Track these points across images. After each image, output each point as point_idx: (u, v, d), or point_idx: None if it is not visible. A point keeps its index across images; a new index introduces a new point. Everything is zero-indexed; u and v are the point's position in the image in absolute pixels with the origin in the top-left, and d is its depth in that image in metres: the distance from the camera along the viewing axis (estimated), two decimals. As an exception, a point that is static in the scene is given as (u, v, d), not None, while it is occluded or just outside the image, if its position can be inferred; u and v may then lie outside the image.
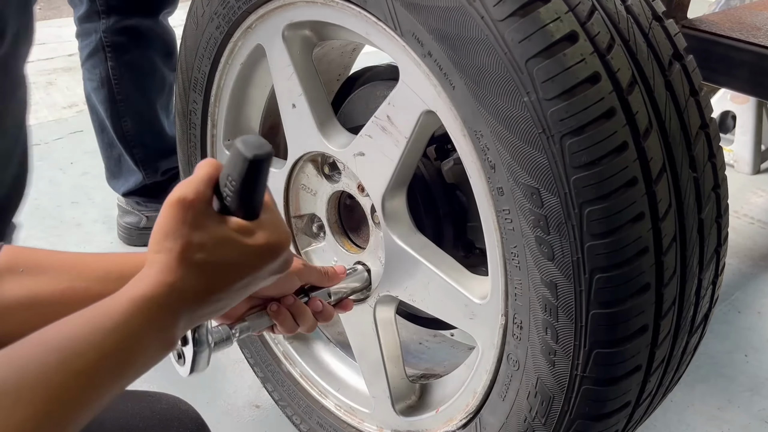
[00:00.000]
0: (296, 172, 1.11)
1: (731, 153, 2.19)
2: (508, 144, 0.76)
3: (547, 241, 0.76)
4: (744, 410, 1.31)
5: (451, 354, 1.22)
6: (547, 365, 0.81)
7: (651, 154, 0.75)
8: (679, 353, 0.86)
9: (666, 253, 0.77)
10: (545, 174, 0.74)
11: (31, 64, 1.37)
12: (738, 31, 1.11)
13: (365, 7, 0.86)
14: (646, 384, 0.83)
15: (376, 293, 1.03)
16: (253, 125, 1.22)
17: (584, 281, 0.75)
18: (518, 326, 0.83)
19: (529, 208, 0.76)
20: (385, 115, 0.92)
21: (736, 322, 1.53)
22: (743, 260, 1.75)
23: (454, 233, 1.08)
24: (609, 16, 0.77)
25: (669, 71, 0.80)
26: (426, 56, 0.81)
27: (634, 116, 0.74)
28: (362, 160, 0.97)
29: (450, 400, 0.99)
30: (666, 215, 0.76)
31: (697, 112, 0.82)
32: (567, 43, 0.73)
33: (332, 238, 1.12)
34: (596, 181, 0.72)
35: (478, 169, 0.81)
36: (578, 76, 0.72)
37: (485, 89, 0.76)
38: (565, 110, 0.72)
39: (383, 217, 0.97)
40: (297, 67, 1.01)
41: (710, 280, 0.87)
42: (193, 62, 1.17)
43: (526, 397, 0.84)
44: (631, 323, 0.76)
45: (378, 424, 1.11)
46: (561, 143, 0.72)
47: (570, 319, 0.77)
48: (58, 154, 2.25)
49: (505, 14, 0.73)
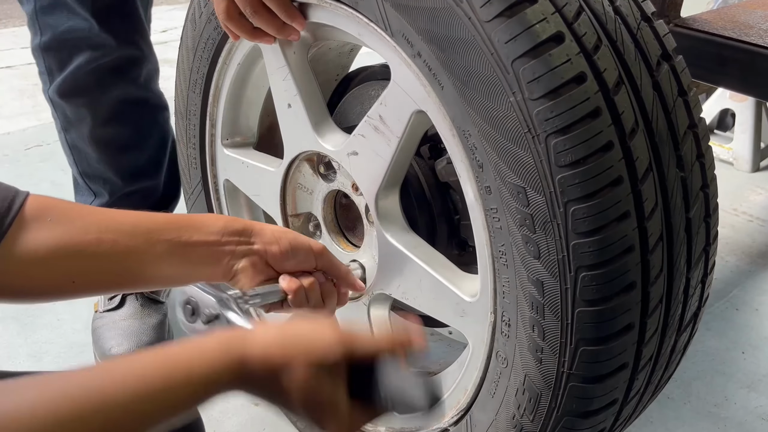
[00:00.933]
0: (293, 171, 1.12)
1: (730, 151, 2.19)
2: (494, 143, 0.76)
3: (533, 239, 0.77)
4: (741, 407, 1.31)
5: (447, 352, 1.23)
6: (535, 362, 0.81)
7: (637, 154, 0.76)
8: (667, 351, 0.87)
9: (652, 251, 0.78)
10: (531, 173, 0.74)
11: (33, 66, 1.41)
12: (730, 30, 1.11)
13: (357, 9, 0.87)
14: (633, 382, 0.83)
15: (370, 291, 1.04)
16: (252, 125, 1.24)
17: (570, 279, 0.75)
18: (506, 324, 0.84)
19: (515, 206, 0.77)
20: (377, 115, 0.93)
21: (733, 319, 1.53)
22: (741, 258, 1.75)
23: (447, 231, 1.09)
24: (596, 16, 0.78)
25: (657, 71, 0.81)
26: (416, 56, 0.82)
27: (620, 116, 0.75)
28: (356, 160, 0.98)
29: (442, 397, 1.00)
30: (652, 214, 0.77)
31: (686, 112, 0.83)
32: (553, 43, 0.73)
33: (328, 236, 1.13)
34: (581, 180, 0.73)
35: (466, 168, 0.82)
36: (564, 77, 0.73)
37: (472, 89, 0.77)
38: (551, 110, 0.72)
39: (376, 216, 0.98)
40: (292, 68, 1.03)
41: (699, 278, 0.87)
42: (192, 63, 1.19)
43: (514, 394, 0.85)
44: (616, 321, 0.77)
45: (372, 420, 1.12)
46: (546, 142, 0.73)
47: (556, 316, 0.78)
48: (59, 155, 2.22)
49: (491, 15, 0.74)
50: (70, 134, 1.41)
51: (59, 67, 1.33)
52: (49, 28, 1.30)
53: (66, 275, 0.75)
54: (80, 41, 1.30)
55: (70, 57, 1.32)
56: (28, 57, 1.45)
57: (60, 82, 1.34)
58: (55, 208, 0.74)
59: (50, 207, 0.74)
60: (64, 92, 1.35)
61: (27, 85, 2.86)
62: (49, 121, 1.55)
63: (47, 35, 1.30)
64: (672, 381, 1.25)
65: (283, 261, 0.83)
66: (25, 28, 1.40)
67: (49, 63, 1.34)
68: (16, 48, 3.27)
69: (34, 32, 1.33)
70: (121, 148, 1.42)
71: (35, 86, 2.81)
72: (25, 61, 3.02)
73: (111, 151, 1.41)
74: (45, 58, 1.34)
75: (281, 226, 0.86)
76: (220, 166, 1.25)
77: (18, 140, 2.37)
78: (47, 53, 1.33)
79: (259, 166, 1.16)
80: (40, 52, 1.33)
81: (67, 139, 1.43)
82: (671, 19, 1.14)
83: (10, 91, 2.82)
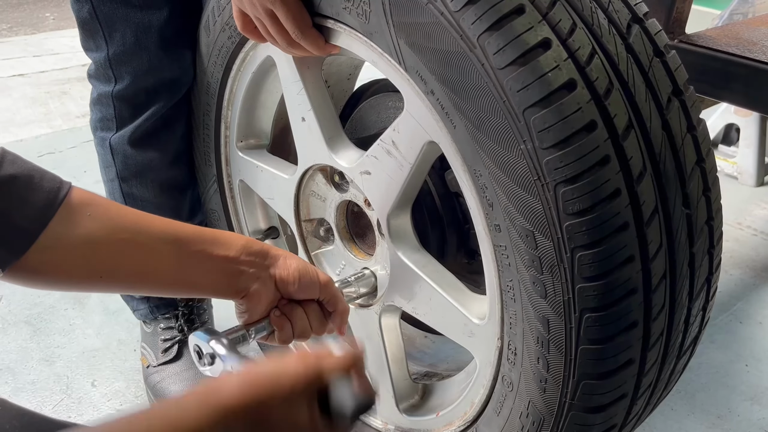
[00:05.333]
0: (306, 179, 1.14)
1: (735, 165, 2.23)
2: (504, 187, 0.78)
3: (541, 279, 0.79)
4: (744, 419, 1.35)
5: (454, 350, 1.27)
6: (539, 391, 0.85)
7: (644, 198, 0.77)
8: (666, 376, 0.90)
9: (655, 291, 0.80)
10: (539, 218, 0.77)
11: (45, 74, 1.41)
12: (734, 47, 1.12)
13: (371, 39, 0.88)
14: (632, 407, 0.87)
15: (381, 302, 1.07)
16: (265, 127, 1.25)
17: (574, 319, 0.78)
18: (513, 352, 0.87)
19: (524, 248, 0.79)
20: (390, 140, 0.94)
21: (737, 332, 1.56)
22: (745, 271, 1.77)
23: (457, 240, 1.12)
24: (609, 58, 0.78)
25: (667, 110, 0.82)
26: (429, 93, 0.83)
27: (628, 162, 0.76)
28: (368, 179, 1.00)
29: (450, 405, 1.04)
30: (656, 255, 0.79)
31: (694, 148, 0.84)
32: (565, 91, 0.74)
33: (340, 243, 1.16)
34: (588, 228, 0.75)
35: (477, 204, 0.84)
36: (574, 126, 0.74)
37: (484, 133, 0.78)
38: (560, 160, 0.74)
39: (388, 234, 1.01)
40: (306, 83, 1.04)
41: (700, 307, 0.90)
42: (206, 67, 1.20)
43: (518, 416, 0.89)
44: (618, 357, 0.80)
45: (383, 420, 1.17)
46: (555, 191, 0.75)
47: (560, 352, 0.81)
48: (71, 162, 2.29)
49: (504, 63, 0.75)
50: (128, 183, 1.31)
51: (132, 114, 1.25)
52: (127, 75, 1.21)
53: (95, 270, 0.79)
54: (161, 86, 1.23)
55: (148, 103, 1.24)
56: (40, 65, 1.43)
57: (133, 129, 1.25)
58: (95, 203, 0.78)
59: (91, 202, 0.78)
60: (136, 141, 1.26)
61: (39, 93, 2.85)
62: (62, 129, 1.54)
63: (124, 82, 1.22)
64: (676, 393, 1.30)
65: (289, 287, 0.87)
66: (38, 36, 1.37)
67: (121, 111, 1.25)
68: (28, 56, 3.22)
69: (107, 80, 1.23)
70: (182, 190, 1.36)
71: (47, 94, 2.81)
72: (37, 70, 2.98)
73: (174, 194, 1.35)
74: (117, 106, 1.25)
75: (293, 254, 0.89)
76: (234, 167, 1.27)
77: (30, 148, 2.37)
78: (121, 101, 1.24)
79: (274, 172, 1.18)
80: (112, 100, 1.24)
81: (122, 188, 1.32)
82: (676, 36, 1.14)
83: (23, 99, 2.80)
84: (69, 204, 0.76)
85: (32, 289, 1.67)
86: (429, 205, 1.10)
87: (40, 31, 3.60)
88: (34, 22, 1.18)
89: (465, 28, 0.75)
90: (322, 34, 0.95)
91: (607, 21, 0.80)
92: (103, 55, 1.21)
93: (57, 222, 0.75)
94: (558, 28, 0.76)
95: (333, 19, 0.92)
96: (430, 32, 0.79)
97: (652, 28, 0.84)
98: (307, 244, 1.21)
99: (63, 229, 0.75)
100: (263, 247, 0.87)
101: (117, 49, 1.20)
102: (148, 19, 1.18)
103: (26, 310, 1.67)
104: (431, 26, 0.78)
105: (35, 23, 1.16)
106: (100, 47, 1.21)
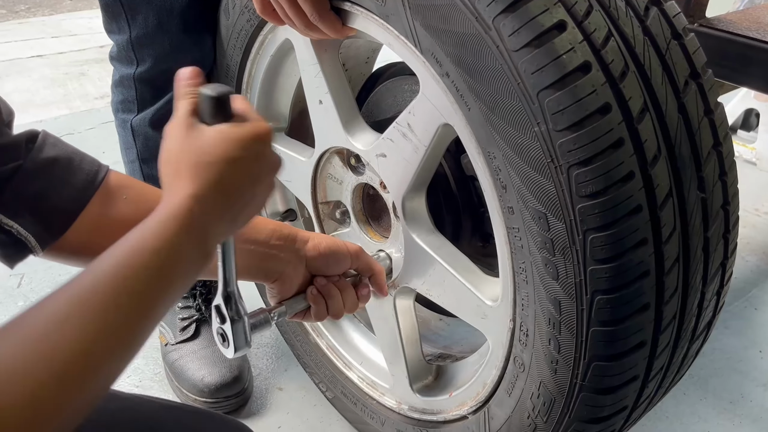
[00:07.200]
0: (323, 162, 1.15)
1: (754, 151, 2.19)
2: (518, 169, 0.79)
3: (553, 261, 0.80)
4: (757, 405, 1.34)
5: (468, 333, 1.28)
6: (550, 372, 0.86)
7: (658, 181, 0.77)
8: (678, 360, 0.90)
9: (668, 273, 0.80)
10: (552, 201, 0.77)
11: (63, 55, 1.43)
12: (755, 31, 1.10)
13: (387, 22, 0.88)
14: (643, 390, 0.88)
15: (396, 284, 1.08)
16: (283, 110, 1.26)
17: (586, 301, 0.79)
18: (524, 333, 0.88)
19: (536, 230, 0.80)
20: (405, 123, 0.95)
21: (752, 318, 1.56)
22: (762, 258, 1.76)
23: (471, 224, 1.12)
24: (625, 40, 0.78)
25: (684, 93, 0.81)
26: (444, 76, 0.83)
27: (642, 144, 0.76)
28: (384, 161, 1.01)
29: (463, 386, 1.05)
30: (669, 238, 0.79)
31: (710, 132, 0.84)
32: (580, 74, 0.74)
33: (357, 225, 1.17)
34: (600, 211, 0.75)
35: (490, 186, 0.84)
36: (588, 109, 0.74)
37: (498, 115, 0.78)
38: (574, 142, 0.74)
39: (403, 216, 1.01)
40: (323, 66, 1.05)
41: (714, 291, 0.90)
42: (225, 50, 1.21)
43: (529, 396, 0.90)
44: (629, 340, 0.81)
45: (397, 399, 1.18)
46: (568, 173, 0.75)
47: (572, 333, 0.81)
48: (90, 143, 2.30)
49: (519, 45, 0.75)
50: (149, 165, 1.33)
51: (154, 96, 1.27)
52: (149, 57, 1.22)
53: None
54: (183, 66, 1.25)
55: (169, 86, 1.26)
56: (59, 46, 1.45)
57: (154, 111, 1.27)
58: (131, 187, 0.80)
59: (127, 185, 0.80)
60: (157, 122, 1.27)
61: (58, 74, 2.87)
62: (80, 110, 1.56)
63: (146, 65, 1.23)
64: (689, 378, 1.30)
65: (322, 266, 0.90)
66: (55, 17, 1.38)
67: (143, 93, 1.27)
68: (47, 37, 3.26)
69: (129, 62, 1.24)
70: None
71: (66, 75, 2.83)
72: (56, 51, 3.00)
73: None
74: (138, 88, 1.26)
75: (320, 234, 0.91)
76: (253, 150, 1.28)
77: (50, 128, 2.38)
78: (143, 83, 1.26)
79: (291, 155, 1.19)
80: (133, 82, 1.25)
81: (143, 169, 1.35)
82: (696, 19, 1.13)
83: (42, 80, 2.83)
84: (107, 186, 0.78)
85: (53, 268, 1.71)
86: (444, 189, 1.11)
87: (57, 12, 3.63)
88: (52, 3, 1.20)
89: (480, 10, 0.76)
90: (340, 17, 0.96)
91: (624, 3, 0.80)
92: (126, 37, 1.22)
93: (95, 203, 0.77)
94: (574, 11, 0.76)
95: (350, 2, 0.92)
96: (446, 14, 0.79)
97: (671, 11, 0.83)
98: (323, 227, 1.22)
99: (100, 210, 0.77)
100: (292, 231, 0.89)
101: (139, 31, 1.21)
102: (170, 2, 1.20)
103: (48, 288, 1.70)
104: (447, 8, 0.78)
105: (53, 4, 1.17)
106: (123, 30, 1.22)
